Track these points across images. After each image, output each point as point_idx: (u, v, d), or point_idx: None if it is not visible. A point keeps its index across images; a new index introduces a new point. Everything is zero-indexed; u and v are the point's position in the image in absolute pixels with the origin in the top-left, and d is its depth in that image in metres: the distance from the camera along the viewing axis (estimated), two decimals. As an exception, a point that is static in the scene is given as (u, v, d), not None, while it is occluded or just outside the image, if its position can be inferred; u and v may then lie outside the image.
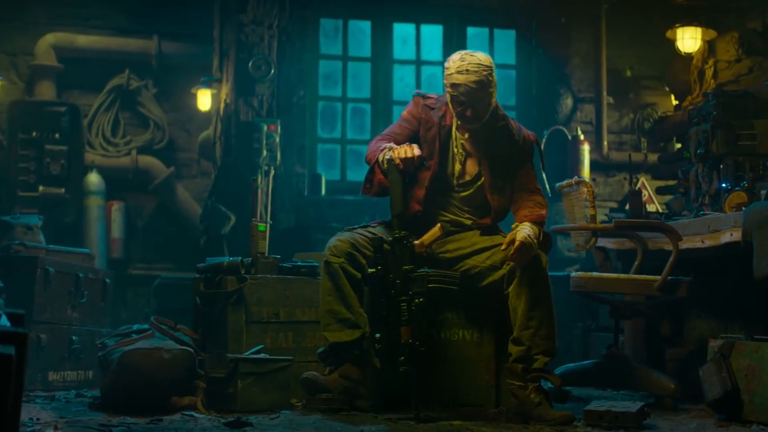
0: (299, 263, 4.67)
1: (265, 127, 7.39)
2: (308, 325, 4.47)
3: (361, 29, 8.88)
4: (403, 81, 8.93)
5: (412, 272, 3.79)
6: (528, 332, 3.94)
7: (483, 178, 4.04)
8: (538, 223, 3.95)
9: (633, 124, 9.19)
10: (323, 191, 8.35)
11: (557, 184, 5.23)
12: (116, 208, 8.46)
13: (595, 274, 4.90)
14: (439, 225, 3.95)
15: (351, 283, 3.88)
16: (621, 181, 9.02)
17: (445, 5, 8.81)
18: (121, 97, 8.65)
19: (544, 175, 4.45)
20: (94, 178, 8.34)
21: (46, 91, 8.45)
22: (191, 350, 4.15)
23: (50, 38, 8.48)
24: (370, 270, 3.85)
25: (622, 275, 4.86)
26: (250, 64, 7.59)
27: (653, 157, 8.63)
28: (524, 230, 3.86)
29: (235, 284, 4.41)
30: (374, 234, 4.01)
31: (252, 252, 4.62)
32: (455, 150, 4.05)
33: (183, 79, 8.49)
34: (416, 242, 3.85)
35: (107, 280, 5.58)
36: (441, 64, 8.42)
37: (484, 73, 3.86)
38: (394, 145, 3.94)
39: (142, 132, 8.72)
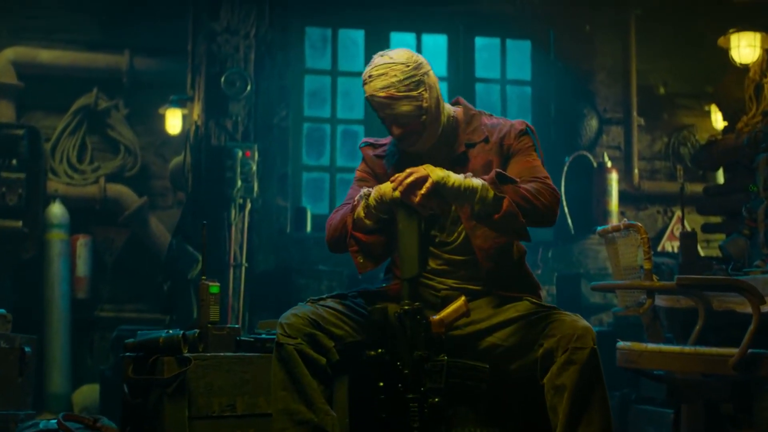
0: (263, 335, 3.71)
1: (240, 153, 7.02)
2: (275, 418, 3.50)
3: (353, 39, 8.56)
4: None
5: (426, 360, 2.98)
6: (574, 439, 3.03)
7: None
8: (495, 184, 3.01)
9: (667, 149, 8.85)
10: (309, 228, 7.96)
11: (599, 228, 4.42)
12: (82, 242, 8.20)
13: (651, 346, 4.07)
14: (463, 298, 3.08)
15: (312, 371, 3.06)
16: (654, 215, 8.72)
17: (449, 12, 8.34)
18: (88, 118, 8.42)
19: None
20: (56, 210, 8.04)
21: (3, 111, 8.16)
22: (109, 463, 3.15)
23: (9, 53, 8.23)
24: (369, 352, 3.03)
25: (687, 348, 4.00)
26: (222, 79, 7.21)
27: (692, 188, 8.14)
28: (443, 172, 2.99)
29: (175, 368, 3.47)
30: (353, 306, 3.21)
31: (201, 321, 3.68)
32: None
33: (157, 98, 8.21)
34: (434, 318, 3.02)
35: (27, 349, 4.59)
36: (446, 79, 8.47)
37: (395, 74, 3.08)
38: (386, 183, 3.08)
39: (112, 157, 8.50)
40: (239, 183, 7.00)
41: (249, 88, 7.23)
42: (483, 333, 3.20)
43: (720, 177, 8.04)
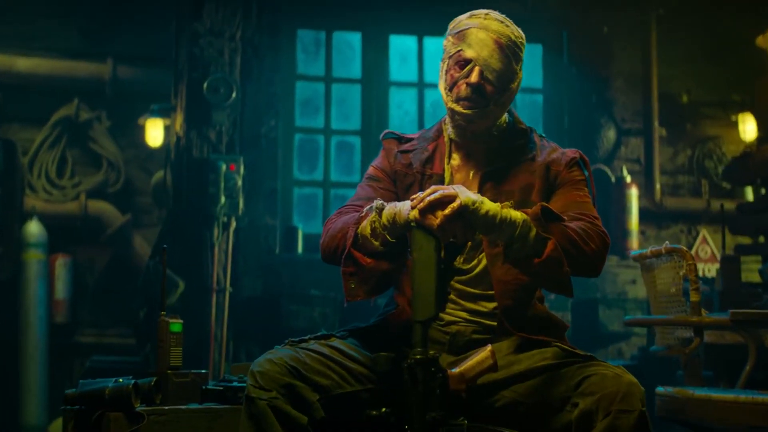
0: (235, 383, 3.24)
1: (224, 167, 6.89)
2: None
3: (349, 43, 8.39)
4: (401, 108, 8.43)
5: (442, 424, 2.51)
6: None
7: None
8: (539, 221, 2.60)
9: (691, 163, 8.64)
10: (300, 248, 7.73)
11: (634, 253, 4.02)
12: (61, 262, 8.07)
13: (698, 393, 3.57)
14: (490, 348, 2.62)
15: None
16: (677, 234, 8.45)
17: (454, 12, 7.68)
18: (68, 131, 8.31)
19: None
20: (34, 228, 7.88)
21: (-23, 123, 8.12)
22: None
23: (-17, 62, 8.20)
24: (371, 412, 2.58)
25: (742, 396, 3.52)
26: (205, 85, 7.05)
27: (718, 204, 7.92)
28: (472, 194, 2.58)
29: (124, 425, 2.99)
30: (343, 349, 2.76)
31: (159, 366, 3.20)
32: None
33: (142, 109, 8.06)
34: (453, 372, 2.58)
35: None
36: None
37: (512, 32, 2.85)
38: (404, 202, 2.66)
39: (94, 172, 8.38)
40: (223, 199, 6.85)
41: (234, 95, 7.07)
42: (499, 385, 2.71)
43: (749, 193, 7.94)
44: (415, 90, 8.34)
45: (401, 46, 8.39)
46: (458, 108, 2.83)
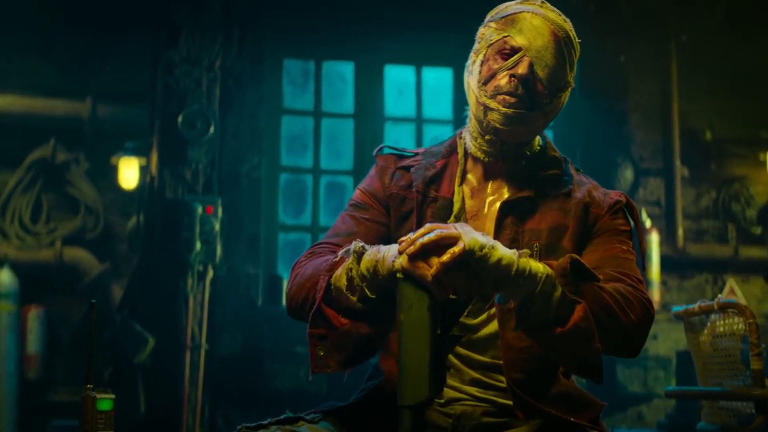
0: None
1: (200, 209, 6.85)
2: None
3: (341, 74, 8.30)
4: (398, 145, 7.76)
5: None
6: None
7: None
8: (567, 278, 2.09)
9: (716, 206, 8.44)
10: (285, 301, 7.11)
11: (676, 309, 3.61)
12: (34, 314, 8.03)
13: None
14: None
15: None
16: (702, 285, 8.22)
17: (455, 41, 8.04)
18: (44, 173, 8.30)
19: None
20: (5, 277, 7.83)
21: (-54, 164, 8.21)
22: None
23: (-45, 100, 8.23)
24: None
25: None
26: (179, 118, 6.97)
27: (747, 252, 8.12)
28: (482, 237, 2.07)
29: None
30: None
31: None
32: None
33: (122, 150, 8.04)
34: None
35: None
36: (450, 122, 8.07)
37: (570, 30, 2.47)
38: (391, 246, 2.15)
39: (70, 217, 8.34)
40: (199, 245, 6.81)
41: (212, 129, 6.99)
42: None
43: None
44: (413, 125, 8.23)
45: (397, 77, 8.34)
46: (494, 104, 2.36)
